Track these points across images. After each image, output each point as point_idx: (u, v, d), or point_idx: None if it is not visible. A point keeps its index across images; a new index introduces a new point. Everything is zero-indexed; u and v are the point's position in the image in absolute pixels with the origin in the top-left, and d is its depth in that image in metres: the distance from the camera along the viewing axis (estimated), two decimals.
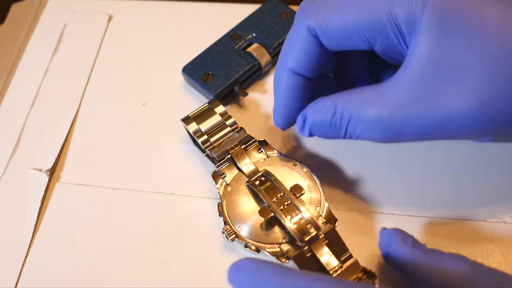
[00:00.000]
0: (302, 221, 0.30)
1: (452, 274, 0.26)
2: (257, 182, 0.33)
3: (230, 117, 0.36)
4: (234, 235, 0.32)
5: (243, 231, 0.32)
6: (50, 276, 0.34)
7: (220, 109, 0.36)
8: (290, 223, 0.30)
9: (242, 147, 0.35)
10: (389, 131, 0.29)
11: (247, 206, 0.33)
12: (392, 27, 0.28)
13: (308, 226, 0.30)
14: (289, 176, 0.34)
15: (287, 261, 0.31)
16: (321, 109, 0.31)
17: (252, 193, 0.34)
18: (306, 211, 0.30)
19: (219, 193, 0.34)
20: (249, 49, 0.40)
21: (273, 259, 0.31)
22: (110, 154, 0.38)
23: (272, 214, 0.31)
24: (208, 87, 0.38)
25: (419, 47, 0.27)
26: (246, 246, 0.32)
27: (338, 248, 0.30)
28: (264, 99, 0.40)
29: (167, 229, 0.35)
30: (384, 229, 0.29)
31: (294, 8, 0.42)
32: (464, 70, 0.27)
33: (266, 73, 0.41)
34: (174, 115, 0.39)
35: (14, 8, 0.47)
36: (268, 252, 0.31)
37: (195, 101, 0.40)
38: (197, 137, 0.35)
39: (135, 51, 0.43)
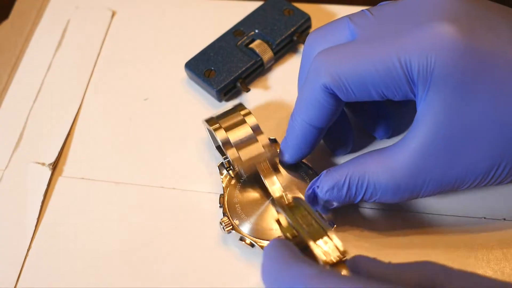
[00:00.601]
0: (330, 249, 0.28)
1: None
2: (284, 201, 0.32)
3: (261, 132, 0.34)
4: (231, 227, 0.32)
5: (241, 224, 0.32)
6: (52, 269, 0.34)
7: (251, 121, 0.34)
8: (319, 249, 0.28)
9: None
10: (406, 195, 0.30)
11: (248, 201, 0.33)
12: (407, 80, 0.28)
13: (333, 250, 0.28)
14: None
15: None
16: (333, 187, 0.30)
17: (257, 189, 0.34)
18: (337, 240, 0.28)
19: (222, 184, 0.34)
20: (251, 45, 0.40)
21: None
22: (112, 149, 0.38)
23: (296, 234, 0.30)
24: (211, 83, 0.38)
25: (433, 107, 0.28)
26: (241, 239, 0.32)
27: None
28: (266, 95, 0.40)
29: (169, 223, 0.35)
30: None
31: (297, 4, 0.42)
32: (479, 133, 0.27)
33: (269, 69, 0.41)
34: (177, 110, 0.39)
35: (19, 3, 0.47)
36: (262, 247, 0.31)
37: (198, 96, 0.40)
38: (225, 148, 0.33)
39: (138, 46, 0.43)
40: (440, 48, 0.27)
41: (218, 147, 0.35)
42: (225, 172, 0.34)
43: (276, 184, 0.33)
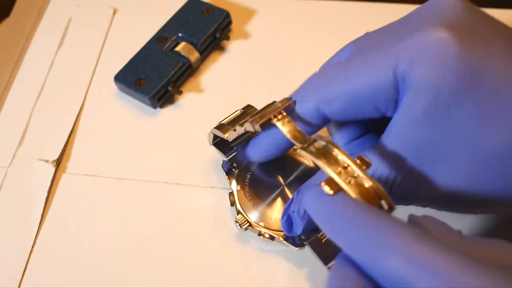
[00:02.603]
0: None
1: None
2: (311, 148, 0.26)
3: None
4: (248, 224, 0.32)
5: (256, 219, 0.32)
6: (57, 265, 0.34)
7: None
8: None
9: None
10: None
11: (259, 194, 0.33)
12: (396, 91, 0.27)
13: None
14: None
15: (301, 248, 0.31)
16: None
17: (270, 173, 0.33)
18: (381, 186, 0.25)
19: (229, 183, 0.34)
20: (177, 49, 0.40)
21: (289, 246, 0.31)
22: (115, 145, 0.38)
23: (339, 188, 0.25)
24: (143, 91, 0.38)
25: (407, 114, 0.26)
26: (260, 235, 0.32)
27: None
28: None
29: (172, 218, 0.35)
30: None
31: (214, 2, 0.43)
32: (448, 152, 0.26)
33: (197, 69, 0.42)
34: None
35: (20, 1, 0.47)
36: (283, 238, 0.32)
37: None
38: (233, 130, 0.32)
39: (140, 44, 0.43)
40: (429, 53, 0.26)
41: (216, 144, 0.35)
42: (231, 170, 0.34)
43: (299, 133, 0.28)
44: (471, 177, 0.26)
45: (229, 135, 0.32)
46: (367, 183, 0.24)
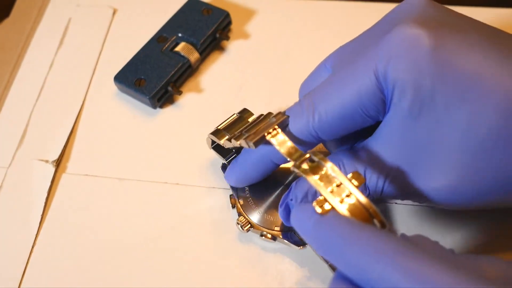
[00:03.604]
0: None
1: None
2: (304, 166, 0.26)
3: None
4: (249, 226, 0.32)
5: (257, 220, 0.32)
6: (57, 265, 0.34)
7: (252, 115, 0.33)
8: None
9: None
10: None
11: (260, 194, 0.33)
12: (383, 92, 0.27)
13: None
14: None
15: (303, 247, 0.31)
16: (307, 194, 0.29)
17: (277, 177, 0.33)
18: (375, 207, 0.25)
19: (230, 185, 0.34)
20: (176, 49, 0.40)
21: (291, 245, 0.31)
22: (115, 145, 0.38)
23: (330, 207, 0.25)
24: (143, 91, 0.38)
25: (394, 114, 0.27)
26: (262, 235, 0.32)
27: None
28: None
29: (172, 219, 0.35)
30: None
31: (214, 2, 0.43)
32: (439, 153, 0.26)
33: (197, 69, 0.41)
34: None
35: (20, 2, 0.47)
36: (285, 239, 0.32)
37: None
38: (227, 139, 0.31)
39: (140, 44, 0.43)
40: (404, 50, 0.26)
41: (215, 147, 0.35)
42: None
43: (292, 148, 0.28)
44: (462, 170, 0.26)
45: (225, 143, 0.32)
46: (360, 201, 0.24)
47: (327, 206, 0.25)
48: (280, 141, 0.28)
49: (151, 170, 0.37)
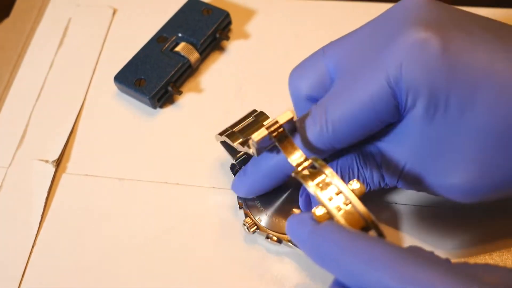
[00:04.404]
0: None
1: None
2: (305, 172, 0.26)
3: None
4: (255, 227, 0.32)
5: (264, 222, 0.32)
6: (57, 265, 0.34)
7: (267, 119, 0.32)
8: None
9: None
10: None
11: (268, 198, 0.33)
12: (396, 98, 0.27)
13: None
14: None
15: None
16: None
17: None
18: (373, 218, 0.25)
19: (238, 195, 0.33)
20: (176, 49, 0.40)
21: (296, 248, 0.31)
22: (115, 145, 0.38)
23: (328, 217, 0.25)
24: (143, 91, 0.38)
25: (413, 117, 0.27)
26: (267, 237, 0.32)
27: None
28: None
29: (172, 219, 0.35)
30: None
31: (214, 2, 0.43)
32: (455, 150, 0.27)
33: (197, 69, 0.41)
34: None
35: (20, 1, 0.47)
36: (290, 242, 0.31)
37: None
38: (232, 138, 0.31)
39: (140, 44, 0.43)
40: (415, 59, 0.26)
41: (225, 145, 0.34)
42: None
43: (295, 152, 0.28)
44: (480, 167, 0.26)
45: (237, 147, 0.31)
46: (358, 211, 0.24)
47: (323, 213, 0.25)
48: (285, 144, 0.28)
49: (151, 170, 0.37)
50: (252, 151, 0.29)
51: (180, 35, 0.41)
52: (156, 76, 0.39)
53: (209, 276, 0.33)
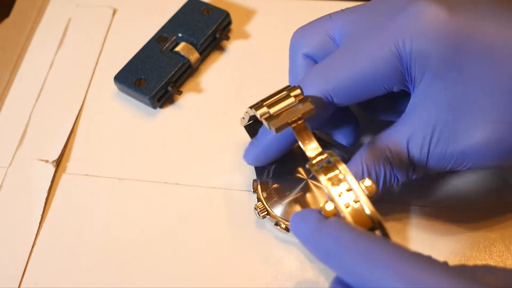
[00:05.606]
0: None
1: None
2: (319, 166, 0.26)
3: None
4: (266, 212, 0.32)
5: (275, 209, 0.33)
6: (57, 265, 0.34)
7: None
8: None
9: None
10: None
11: (282, 185, 0.33)
12: (403, 68, 0.28)
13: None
14: None
15: None
16: None
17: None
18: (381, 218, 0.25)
19: (255, 171, 0.34)
20: (176, 49, 0.40)
21: None
22: (115, 145, 0.38)
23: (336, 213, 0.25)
24: (143, 91, 0.38)
25: (430, 88, 0.28)
26: (276, 224, 0.32)
27: None
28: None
29: (172, 219, 0.35)
30: None
31: (214, 2, 0.43)
32: (476, 109, 0.27)
33: (197, 69, 0.41)
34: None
35: (19, 2, 0.47)
36: None
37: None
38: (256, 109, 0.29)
39: (140, 44, 0.43)
40: (426, 28, 0.27)
41: (247, 127, 0.34)
42: None
43: (312, 144, 0.28)
44: (498, 125, 0.27)
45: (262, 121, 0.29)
46: (367, 210, 0.24)
47: (332, 209, 0.25)
48: (303, 135, 0.28)
49: (151, 170, 0.37)
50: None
51: (180, 35, 0.41)
52: (156, 76, 0.39)
53: (209, 276, 0.33)
